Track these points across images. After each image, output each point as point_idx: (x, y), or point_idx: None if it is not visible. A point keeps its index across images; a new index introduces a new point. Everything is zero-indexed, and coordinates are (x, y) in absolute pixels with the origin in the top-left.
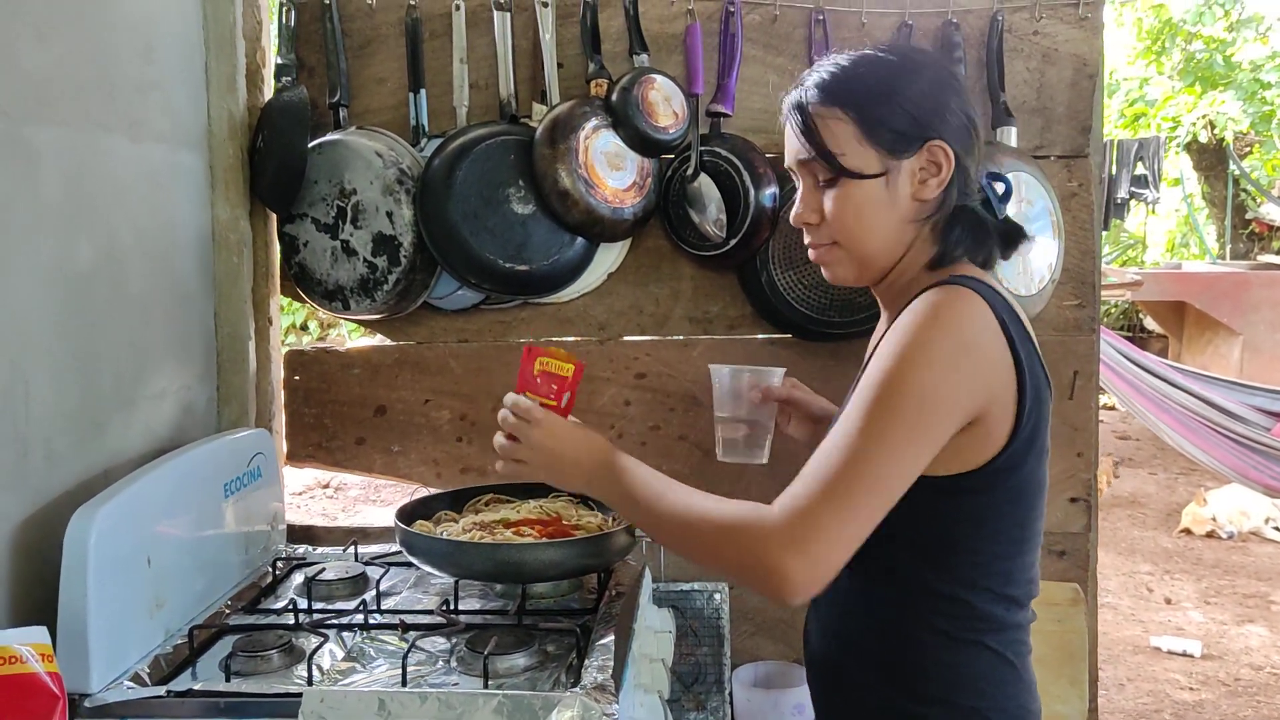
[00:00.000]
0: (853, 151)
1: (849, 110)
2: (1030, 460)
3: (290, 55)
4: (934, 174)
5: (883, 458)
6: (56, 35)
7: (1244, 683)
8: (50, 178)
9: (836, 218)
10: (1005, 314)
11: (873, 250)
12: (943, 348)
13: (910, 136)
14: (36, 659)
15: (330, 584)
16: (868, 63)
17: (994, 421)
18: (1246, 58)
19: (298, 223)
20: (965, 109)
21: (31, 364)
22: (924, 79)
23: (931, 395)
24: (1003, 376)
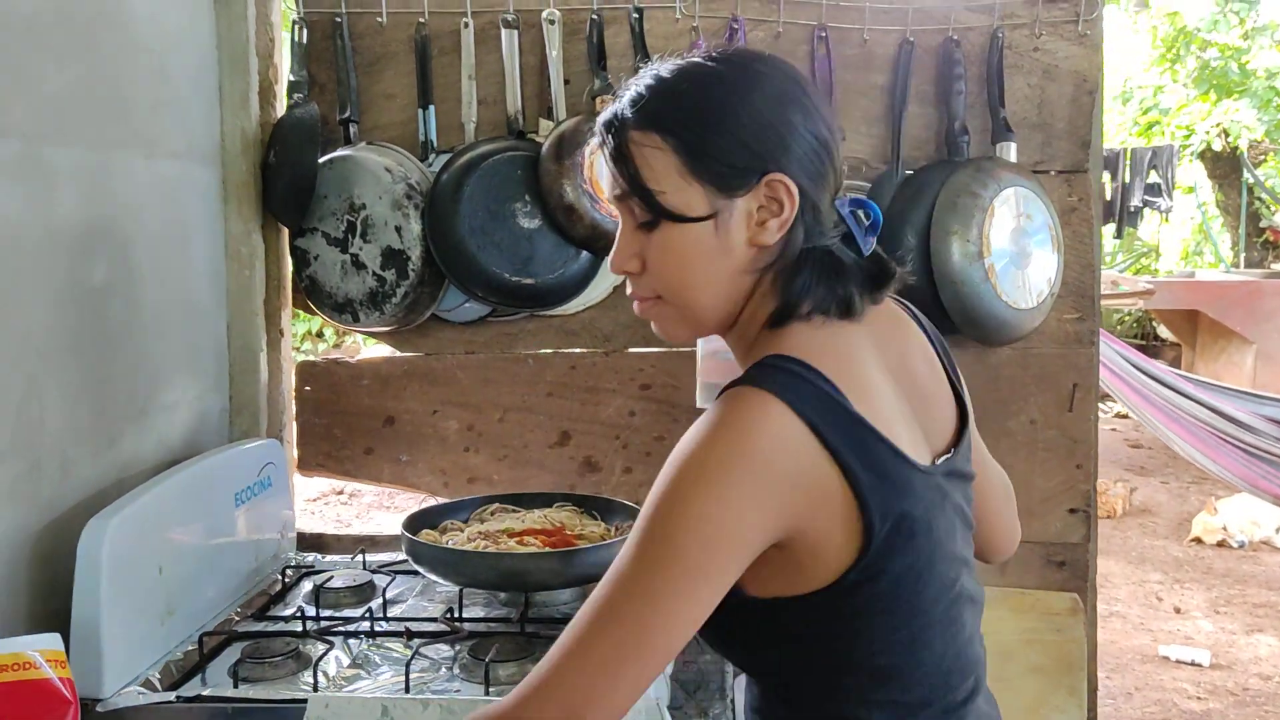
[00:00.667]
0: (674, 188)
1: (669, 137)
2: (898, 560)
3: (302, 72)
4: (774, 213)
5: (654, 615)
6: (74, 59)
7: (1252, 692)
8: (67, 197)
9: (658, 267)
10: (823, 413)
11: (704, 305)
12: (722, 473)
13: (744, 169)
14: (49, 665)
15: (338, 591)
16: (693, 77)
17: (824, 538)
18: (1262, 65)
19: (309, 236)
20: (816, 129)
21: (46, 378)
22: (762, 96)
23: (714, 532)
24: (821, 491)
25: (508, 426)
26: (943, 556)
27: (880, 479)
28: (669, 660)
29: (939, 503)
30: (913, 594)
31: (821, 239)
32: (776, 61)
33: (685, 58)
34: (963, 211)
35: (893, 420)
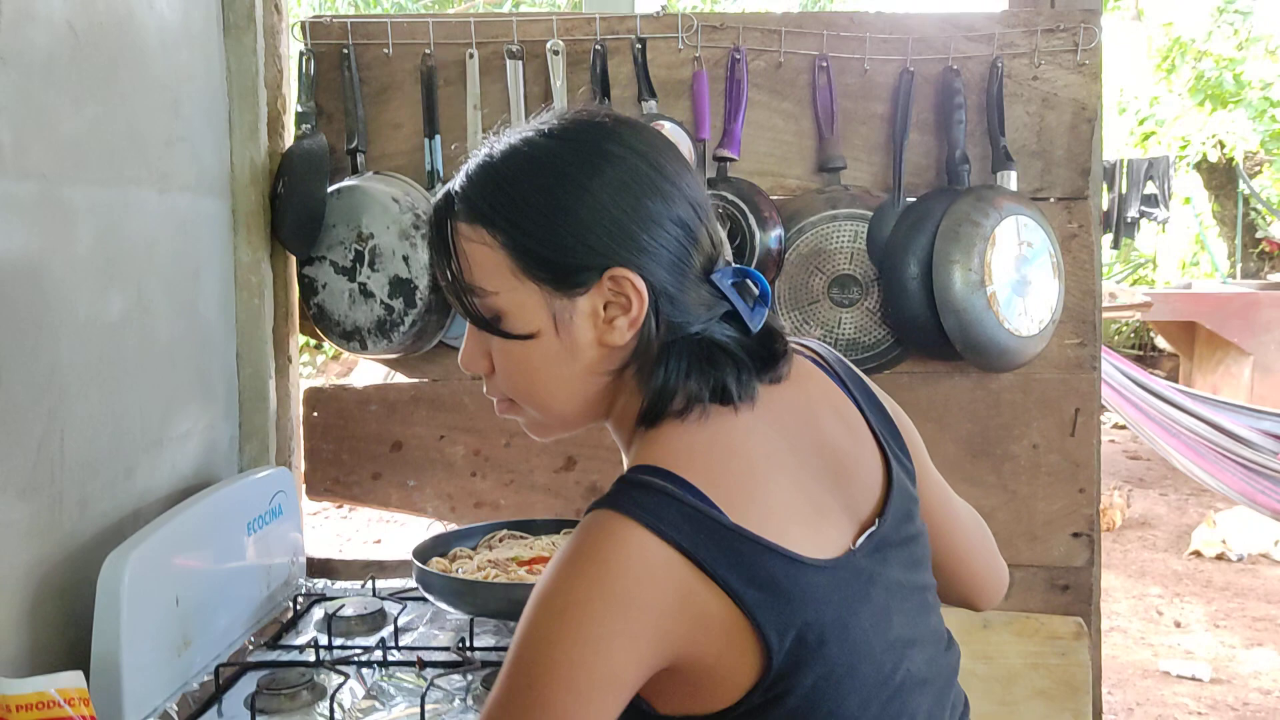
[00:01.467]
0: (508, 288)
1: (498, 234)
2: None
3: (310, 103)
4: (623, 309)
5: None
6: (91, 98)
7: (1253, 707)
8: (85, 234)
9: (504, 372)
10: (693, 532)
11: (558, 410)
12: (583, 614)
13: (583, 267)
14: (71, 703)
15: (349, 620)
16: (526, 163)
17: (714, 662)
18: (1256, 76)
19: (316, 265)
20: (673, 213)
21: (67, 414)
22: (603, 184)
23: (581, 678)
24: (698, 618)
25: (513, 452)
26: (868, 654)
27: (771, 594)
28: None
29: (859, 593)
30: (834, 704)
31: (688, 327)
32: (630, 135)
33: (523, 134)
34: (964, 240)
35: (790, 517)
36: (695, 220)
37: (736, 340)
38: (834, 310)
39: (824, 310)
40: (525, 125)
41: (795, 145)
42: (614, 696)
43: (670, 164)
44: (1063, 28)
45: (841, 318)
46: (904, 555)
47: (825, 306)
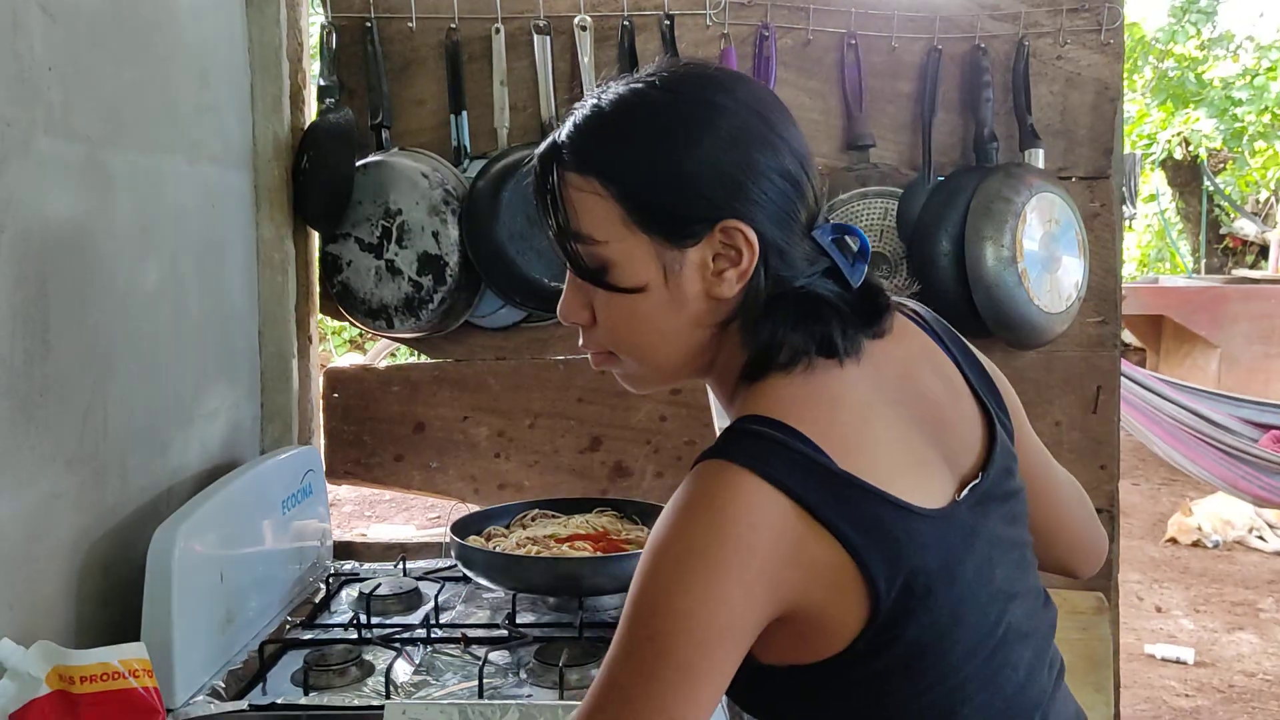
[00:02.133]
0: (617, 238)
1: (610, 184)
2: (916, 620)
3: (333, 77)
4: (732, 263)
5: (654, 705)
6: (129, 62)
7: (1238, 689)
8: (124, 201)
9: (606, 323)
10: (805, 479)
11: (661, 362)
12: (700, 564)
13: (696, 219)
14: (136, 676)
15: (386, 599)
16: (637, 114)
17: (824, 610)
18: (1218, 75)
19: (341, 242)
20: (782, 165)
21: (110, 386)
22: (716, 136)
23: (700, 629)
24: (811, 565)
25: (538, 432)
26: (974, 604)
27: (880, 540)
28: None
29: (964, 543)
30: (939, 654)
31: (793, 281)
32: (738, 87)
33: (632, 85)
34: (996, 216)
35: (895, 467)
36: (801, 174)
37: (839, 295)
38: None
39: None
40: (632, 77)
41: (823, 124)
42: (733, 646)
43: (777, 117)
44: (1086, 7)
45: None
46: (1005, 510)
47: None
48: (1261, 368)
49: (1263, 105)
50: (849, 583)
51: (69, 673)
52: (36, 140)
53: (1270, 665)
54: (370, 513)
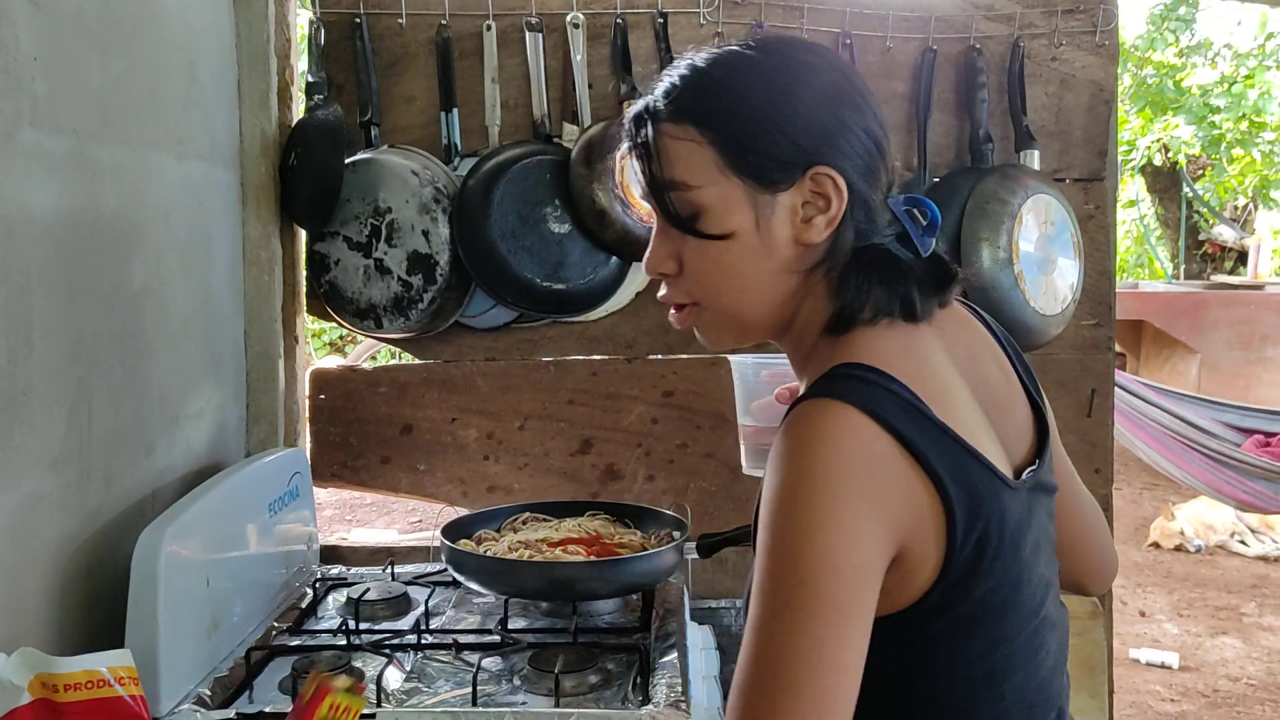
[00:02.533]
0: (710, 182)
1: (706, 130)
2: (984, 581)
3: (321, 73)
4: (821, 209)
5: (822, 669)
6: (116, 54)
7: (1223, 694)
8: (110, 196)
9: (695, 272)
10: (904, 419)
11: (746, 311)
12: (829, 498)
13: (789, 163)
14: (122, 684)
15: (374, 604)
16: (733, 66)
17: (921, 548)
18: (1196, 83)
19: (328, 241)
20: (866, 125)
21: (94, 386)
22: (809, 89)
23: (843, 563)
24: (913, 505)
25: (528, 434)
26: (1028, 580)
27: (968, 493)
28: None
29: (1026, 519)
30: (998, 619)
31: (875, 238)
32: (824, 52)
33: (724, 48)
34: (993, 218)
35: (976, 429)
36: (883, 139)
37: (911, 260)
38: None
39: None
40: (719, 44)
41: None
42: (872, 584)
43: (861, 84)
44: (1081, 9)
45: None
46: (1047, 504)
47: None
48: (1241, 373)
49: (1240, 112)
50: (933, 530)
51: (52, 680)
52: (21, 132)
53: (1254, 670)
54: (351, 516)
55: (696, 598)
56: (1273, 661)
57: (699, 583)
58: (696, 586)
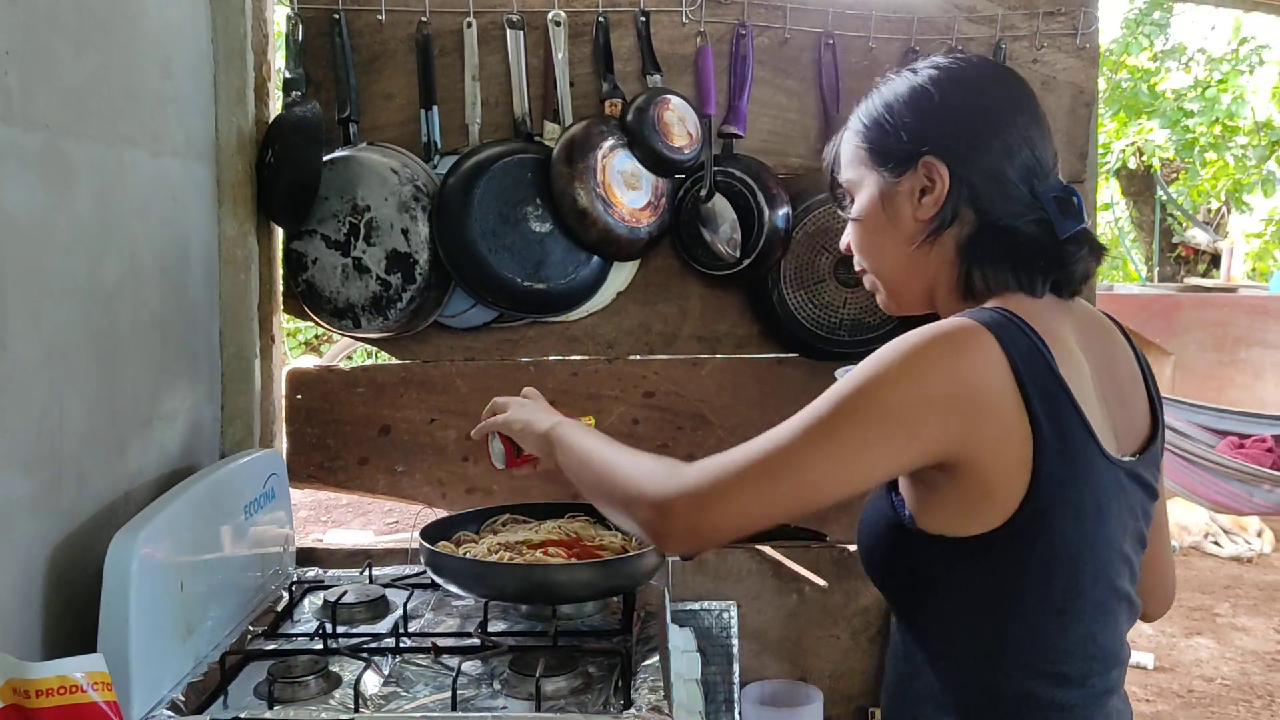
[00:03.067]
0: (857, 174)
1: (859, 134)
2: (1063, 522)
3: (298, 69)
4: (930, 191)
5: (814, 456)
6: (91, 48)
7: (1197, 694)
8: (84, 193)
9: (853, 241)
10: (1026, 359)
11: (889, 276)
12: (922, 372)
13: (904, 154)
14: (95, 687)
15: (352, 607)
16: (889, 84)
17: (994, 475)
18: (1170, 87)
19: (306, 239)
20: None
21: (67, 385)
22: (937, 95)
23: (892, 414)
24: (1002, 427)
25: None
26: (1108, 545)
27: (1062, 442)
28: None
29: (1116, 495)
30: (1074, 569)
31: (999, 219)
32: (982, 65)
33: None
34: None
35: (1087, 398)
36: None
37: (1039, 240)
38: (839, 290)
39: (829, 290)
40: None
41: (798, 124)
42: (905, 447)
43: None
44: (1062, 11)
45: (847, 298)
46: (1144, 498)
47: (831, 286)
48: (1215, 375)
49: (1214, 117)
50: (1017, 459)
51: (24, 686)
52: None
53: (1228, 670)
54: (326, 517)
55: (677, 600)
56: (1246, 662)
57: (679, 585)
58: (676, 589)
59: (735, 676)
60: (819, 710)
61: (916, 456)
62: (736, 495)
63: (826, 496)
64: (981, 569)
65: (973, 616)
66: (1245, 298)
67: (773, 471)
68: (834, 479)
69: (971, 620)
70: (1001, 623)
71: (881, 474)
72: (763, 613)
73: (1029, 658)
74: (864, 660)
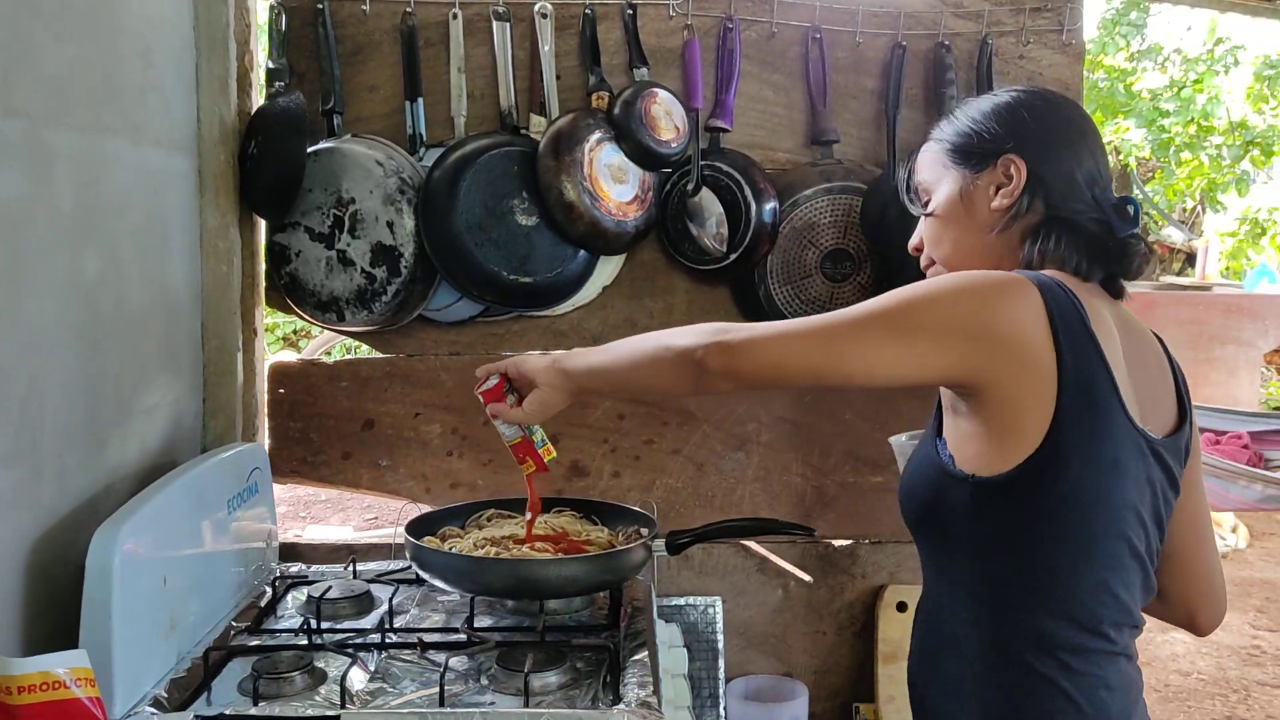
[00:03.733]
0: (937, 176)
1: (939, 142)
2: (1080, 466)
3: (282, 60)
4: (1006, 184)
5: (846, 328)
6: (71, 37)
7: (1174, 689)
8: (64, 183)
9: (928, 236)
10: (1063, 311)
11: (959, 261)
12: (963, 295)
13: (985, 152)
14: (78, 683)
15: (336, 603)
16: (972, 102)
17: (1019, 409)
18: (1146, 87)
19: (290, 232)
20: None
21: (47, 379)
22: (1016, 106)
23: (927, 317)
24: (1030, 365)
25: (492, 430)
26: (1123, 501)
27: (1085, 391)
28: (829, 362)
29: (1136, 458)
30: (1087, 512)
31: (1064, 212)
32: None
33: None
34: None
35: (1118, 364)
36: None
37: (1098, 235)
38: (826, 285)
39: (816, 285)
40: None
41: (785, 118)
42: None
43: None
44: (1048, 7)
45: (834, 292)
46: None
47: (818, 281)
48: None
49: (1189, 117)
50: (1043, 403)
51: (6, 682)
52: None
53: (1204, 665)
54: (305, 513)
55: (662, 595)
56: (1222, 657)
57: (664, 580)
58: (662, 584)
59: (720, 672)
60: (804, 705)
61: (935, 369)
62: (765, 338)
63: (854, 367)
64: (1004, 509)
65: (997, 557)
66: (1220, 296)
67: (804, 329)
68: (859, 352)
69: (996, 561)
70: (1022, 562)
71: (908, 370)
72: (748, 608)
73: (1045, 598)
74: (849, 655)
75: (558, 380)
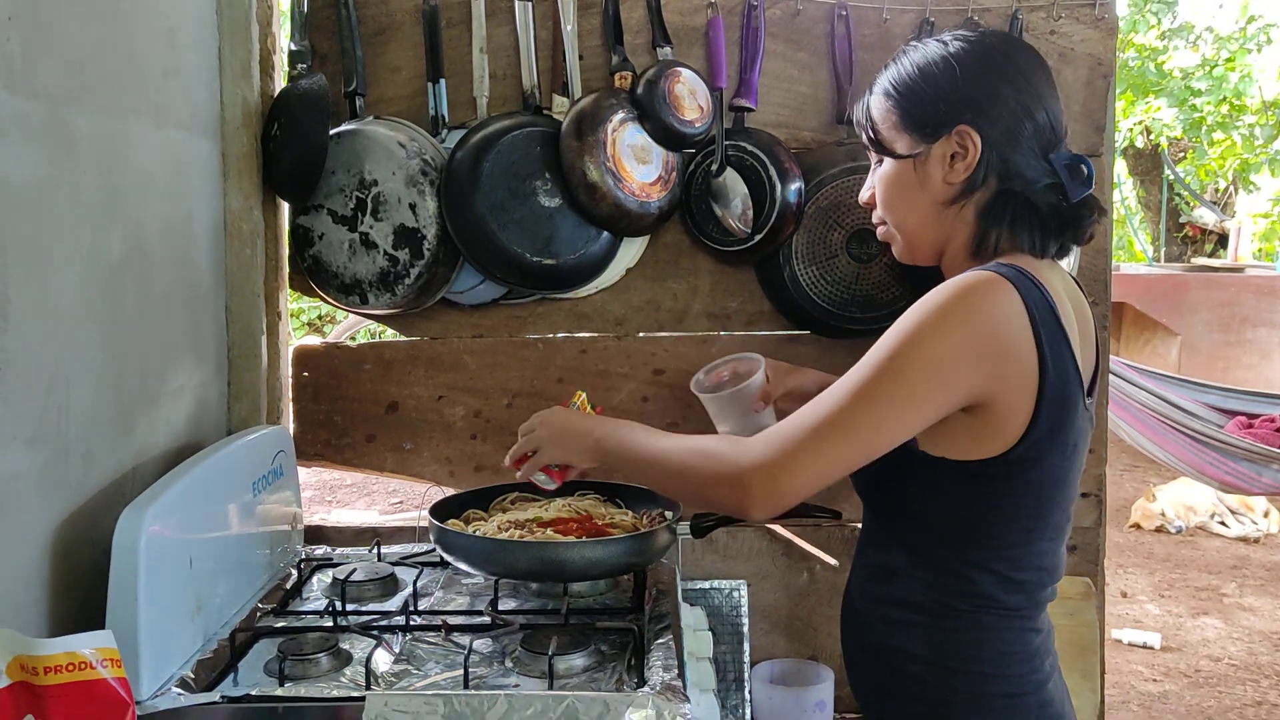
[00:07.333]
0: (890, 135)
1: (890, 98)
2: (1051, 456)
3: (304, 42)
4: (962, 157)
5: (868, 416)
6: (94, 17)
7: (1204, 674)
8: (88, 164)
9: (878, 196)
10: (1039, 308)
11: (910, 230)
12: (956, 325)
13: (939, 121)
14: (104, 664)
15: (361, 585)
16: (919, 51)
17: (1007, 412)
18: (1178, 66)
19: (312, 214)
20: (1022, 98)
21: (72, 361)
22: (969, 66)
23: (934, 368)
24: (1020, 369)
25: (516, 412)
26: (1076, 473)
27: (1061, 382)
28: (861, 458)
29: (1085, 433)
30: (1052, 490)
31: (1018, 185)
32: (1006, 42)
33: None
34: None
35: (1077, 347)
36: (1039, 109)
37: (1051, 205)
38: (852, 265)
39: (842, 265)
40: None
41: (810, 97)
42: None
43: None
44: None
45: (860, 273)
46: (1088, 433)
47: (843, 261)
48: (1221, 355)
49: (1221, 96)
50: (1027, 395)
51: (32, 663)
52: None
53: (1235, 650)
54: (331, 498)
55: (686, 579)
56: (1253, 641)
57: (688, 564)
58: (686, 568)
59: (745, 655)
60: (829, 689)
61: (957, 401)
62: (801, 460)
63: (883, 448)
64: (971, 489)
65: (955, 529)
66: (1252, 278)
67: (831, 435)
68: (886, 434)
69: (953, 532)
70: (978, 536)
71: (928, 421)
72: (773, 592)
73: (995, 566)
74: None
75: (597, 460)
